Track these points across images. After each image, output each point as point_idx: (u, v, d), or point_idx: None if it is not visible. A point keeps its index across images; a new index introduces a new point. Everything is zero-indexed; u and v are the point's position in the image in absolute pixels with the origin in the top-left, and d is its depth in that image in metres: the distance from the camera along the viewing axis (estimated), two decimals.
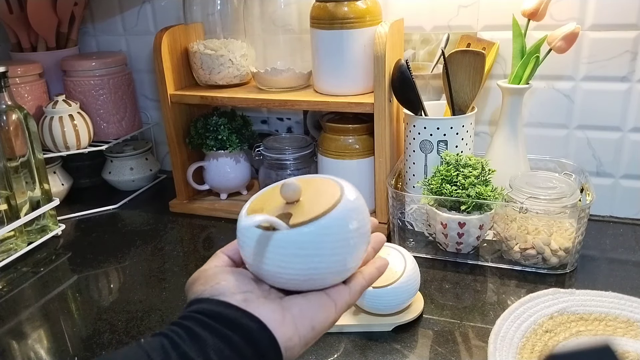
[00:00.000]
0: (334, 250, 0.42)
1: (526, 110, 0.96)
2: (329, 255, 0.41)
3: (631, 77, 0.89)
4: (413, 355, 0.65)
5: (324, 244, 0.41)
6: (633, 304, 0.68)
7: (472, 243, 0.83)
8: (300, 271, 0.42)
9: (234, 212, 1.03)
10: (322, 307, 0.43)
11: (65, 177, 1.14)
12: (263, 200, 0.46)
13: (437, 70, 0.93)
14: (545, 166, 0.95)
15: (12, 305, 0.79)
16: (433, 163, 0.87)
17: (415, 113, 0.87)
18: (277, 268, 0.42)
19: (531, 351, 0.62)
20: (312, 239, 0.41)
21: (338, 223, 0.42)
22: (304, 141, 1.05)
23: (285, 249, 0.41)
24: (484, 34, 0.94)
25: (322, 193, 0.44)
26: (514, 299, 0.73)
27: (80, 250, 0.95)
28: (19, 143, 0.91)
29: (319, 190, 0.45)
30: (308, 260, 0.41)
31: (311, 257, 0.41)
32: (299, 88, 0.97)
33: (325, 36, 0.88)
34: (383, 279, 0.68)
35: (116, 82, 1.13)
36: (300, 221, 0.41)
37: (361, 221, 0.43)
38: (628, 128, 0.91)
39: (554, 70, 0.92)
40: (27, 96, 1.07)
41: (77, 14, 1.16)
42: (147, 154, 1.21)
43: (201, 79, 1.02)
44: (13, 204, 0.91)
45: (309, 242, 0.41)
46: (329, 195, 0.43)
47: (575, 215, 0.78)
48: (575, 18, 0.87)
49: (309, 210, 0.42)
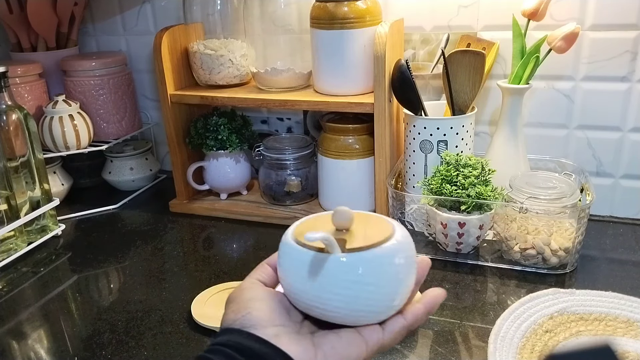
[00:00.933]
0: (389, 281, 0.41)
1: (526, 110, 0.95)
2: (383, 286, 0.40)
3: (631, 77, 0.89)
4: (413, 355, 0.65)
5: (382, 274, 0.40)
6: (633, 304, 0.68)
7: (472, 243, 0.83)
8: (350, 299, 0.40)
9: (234, 212, 1.03)
10: (354, 347, 0.41)
11: (65, 177, 1.14)
12: (310, 226, 0.44)
13: (437, 70, 0.93)
14: (545, 166, 0.95)
15: (12, 305, 0.79)
16: (433, 163, 0.87)
17: (415, 113, 0.87)
18: (326, 294, 0.40)
19: (531, 351, 0.62)
20: (371, 266, 0.40)
21: (394, 254, 0.41)
22: (304, 141, 1.05)
23: (341, 274, 0.39)
24: (484, 34, 0.94)
25: (373, 226, 0.43)
26: (514, 299, 0.73)
27: (80, 250, 0.95)
28: (19, 143, 0.91)
29: (369, 222, 0.44)
30: (362, 289, 0.40)
31: (366, 286, 0.40)
32: (299, 88, 0.97)
33: (325, 36, 0.88)
34: None
35: (116, 82, 1.13)
36: (358, 246, 0.40)
37: (411, 258, 0.43)
38: (628, 128, 0.91)
39: (554, 70, 0.92)
40: (27, 96, 1.07)
41: (77, 14, 1.16)
42: (147, 154, 1.21)
43: (201, 79, 1.02)
44: (13, 204, 0.91)
45: (369, 269, 0.39)
46: (381, 229, 0.42)
47: (575, 215, 0.78)
48: (575, 18, 0.87)
49: (362, 239, 0.41)
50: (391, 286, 0.41)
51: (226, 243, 0.95)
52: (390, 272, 0.41)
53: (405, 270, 0.42)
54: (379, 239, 0.41)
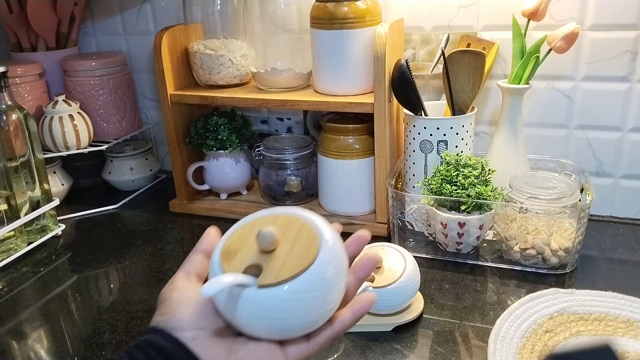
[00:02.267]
0: (312, 308, 0.40)
1: (526, 110, 0.95)
2: (294, 319, 0.40)
3: (631, 77, 0.89)
4: (413, 355, 0.65)
5: (291, 310, 0.39)
6: (633, 304, 0.68)
7: (472, 243, 0.83)
8: (263, 330, 0.41)
9: (234, 212, 1.03)
10: (270, 357, 0.41)
11: (65, 177, 1.14)
12: (239, 241, 0.44)
13: (437, 70, 0.93)
14: (545, 166, 0.95)
15: (12, 305, 0.79)
16: (433, 163, 0.87)
17: (415, 113, 0.87)
18: (241, 322, 0.41)
19: (531, 351, 0.62)
20: (277, 304, 0.39)
21: (314, 283, 0.40)
22: (304, 141, 1.05)
23: (250, 308, 0.39)
24: (484, 34, 0.94)
25: (299, 243, 0.42)
26: (514, 299, 0.73)
27: (80, 250, 0.95)
28: (19, 143, 0.91)
29: (297, 238, 0.42)
30: (271, 324, 0.40)
31: (274, 321, 0.40)
32: (299, 88, 0.97)
33: (325, 36, 0.88)
34: (383, 278, 0.68)
35: (116, 82, 1.13)
36: (268, 283, 0.39)
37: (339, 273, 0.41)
38: (628, 128, 0.91)
39: (554, 70, 0.92)
40: (27, 96, 1.07)
41: (77, 14, 1.16)
42: (147, 154, 1.21)
43: (201, 79, 1.02)
44: (13, 204, 0.91)
45: (274, 307, 0.39)
46: (306, 247, 0.41)
47: (575, 215, 0.78)
48: (575, 18, 0.87)
49: (281, 267, 0.40)
50: (315, 311, 0.40)
51: None
52: (312, 300, 0.40)
53: (330, 289, 0.41)
54: (294, 270, 0.39)
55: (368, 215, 0.96)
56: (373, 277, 0.69)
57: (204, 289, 0.38)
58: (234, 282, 0.39)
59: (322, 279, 0.40)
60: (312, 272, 0.40)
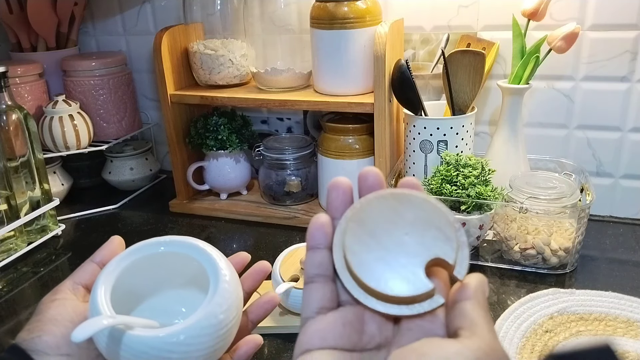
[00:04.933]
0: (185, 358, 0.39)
1: (526, 110, 0.95)
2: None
3: (631, 77, 0.89)
4: None
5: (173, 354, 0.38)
6: (633, 304, 0.68)
7: (472, 243, 0.83)
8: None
9: (234, 212, 1.03)
10: None
11: (65, 177, 1.14)
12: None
13: (437, 70, 0.93)
14: (545, 166, 0.95)
15: (12, 305, 0.79)
16: (433, 163, 0.87)
17: (415, 113, 0.87)
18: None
19: (531, 351, 0.62)
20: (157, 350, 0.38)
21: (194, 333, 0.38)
22: (304, 141, 1.05)
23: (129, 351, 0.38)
24: (484, 34, 0.94)
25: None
26: (514, 299, 0.73)
27: (80, 250, 0.95)
28: (19, 143, 0.91)
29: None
30: None
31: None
32: (299, 88, 0.97)
33: (325, 36, 0.88)
34: None
35: (116, 82, 1.13)
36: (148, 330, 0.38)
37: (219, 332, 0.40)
38: (628, 128, 0.91)
39: (554, 70, 0.92)
40: (27, 96, 1.07)
41: (77, 14, 1.16)
42: (147, 154, 1.21)
43: (201, 79, 1.02)
44: (13, 204, 0.91)
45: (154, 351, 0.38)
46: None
47: (575, 215, 0.78)
48: (575, 18, 0.87)
49: None
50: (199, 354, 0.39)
51: (226, 243, 0.95)
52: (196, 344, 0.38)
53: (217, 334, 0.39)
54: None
55: None
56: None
57: (76, 333, 0.35)
58: (111, 324, 0.37)
59: (210, 324, 0.39)
60: (200, 316, 0.38)
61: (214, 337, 0.39)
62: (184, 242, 0.43)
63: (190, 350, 0.38)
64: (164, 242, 0.43)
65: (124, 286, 0.42)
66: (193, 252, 0.43)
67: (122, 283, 0.41)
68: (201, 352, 0.39)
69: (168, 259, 0.43)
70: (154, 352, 0.38)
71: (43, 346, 0.39)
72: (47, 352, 0.38)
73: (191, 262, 0.42)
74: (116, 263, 0.42)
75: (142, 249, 0.43)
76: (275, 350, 0.67)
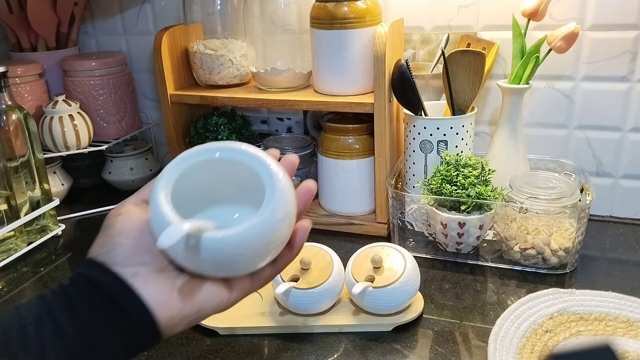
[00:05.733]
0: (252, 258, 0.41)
1: (526, 110, 0.96)
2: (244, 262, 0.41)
3: (631, 77, 0.89)
4: (413, 355, 0.65)
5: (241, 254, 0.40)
6: (633, 304, 0.68)
7: (472, 243, 0.83)
8: (211, 271, 0.41)
9: None
10: (215, 296, 0.41)
11: (65, 177, 1.14)
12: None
13: (437, 70, 0.93)
14: (545, 166, 0.95)
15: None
16: (433, 163, 0.87)
17: (415, 113, 0.87)
18: (189, 264, 0.40)
19: (531, 351, 0.62)
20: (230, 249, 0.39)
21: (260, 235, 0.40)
22: (304, 141, 1.05)
23: (201, 253, 0.39)
24: (484, 34, 0.94)
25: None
26: (514, 299, 0.73)
27: (80, 250, 0.95)
28: (19, 143, 0.91)
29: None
30: (221, 266, 0.40)
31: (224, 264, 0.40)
32: (299, 88, 0.97)
33: (325, 36, 0.88)
34: (383, 278, 0.68)
35: (116, 82, 1.13)
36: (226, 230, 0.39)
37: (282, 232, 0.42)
38: (628, 128, 0.91)
39: (554, 70, 0.92)
40: (27, 96, 1.07)
41: (77, 14, 1.16)
42: (147, 154, 1.21)
43: (201, 79, 1.02)
44: (13, 204, 0.91)
45: (226, 251, 0.39)
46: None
47: (575, 215, 0.78)
48: (575, 18, 0.87)
49: None
50: (264, 254, 0.41)
51: None
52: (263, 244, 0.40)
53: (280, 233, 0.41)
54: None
55: (368, 215, 0.96)
56: (373, 277, 0.69)
57: (162, 240, 0.36)
58: (192, 229, 0.37)
59: (274, 225, 0.40)
60: (265, 218, 0.40)
61: (281, 230, 0.41)
62: (240, 148, 0.44)
63: (262, 244, 0.40)
64: (218, 148, 0.44)
65: (180, 191, 0.42)
66: (248, 160, 0.43)
67: (178, 187, 0.42)
68: (274, 244, 0.41)
69: (222, 165, 0.44)
70: (232, 250, 0.39)
71: (118, 258, 0.39)
72: (123, 262, 0.39)
73: (244, 169, 0.43)
74: (173, 168, 0.42)
75: (198, 154, 0.43)
76: (275, 350, 0.67)
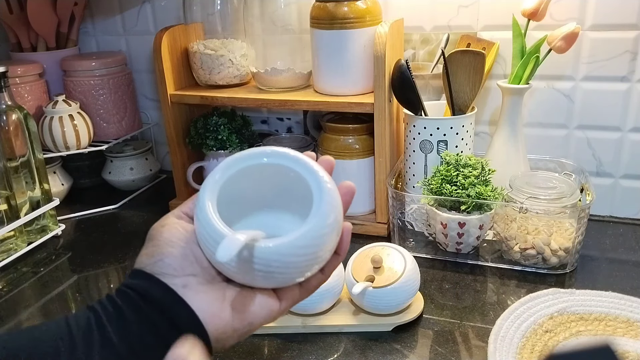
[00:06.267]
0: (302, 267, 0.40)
1: (526, 110, 0.96)
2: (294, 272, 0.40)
3: (631, 77, 0.89)
4: (413, 355, 0.65)
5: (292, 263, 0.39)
6: (633, 304, 0.68)
7: (472, 243, 0.83)
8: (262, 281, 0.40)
9: None
10: (266, 305, 0.41)
11: (65, 177, 1.14)
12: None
13: (437, 70, 0.93)
14: (545, 166, 0.95)
15: (12, 305, 0.79)
16: (433, 163, 0.87)
17: (415, 113, 0.87)
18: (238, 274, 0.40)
19: (531, 351, 0.62)
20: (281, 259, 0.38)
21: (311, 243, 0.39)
22: (304, 141, 1.05)
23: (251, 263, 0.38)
24: (484, 34, 0.94)
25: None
26: (514, 299, 0.73)
27: (80, 250, 0.95)
28: (19, 143, 0.91)
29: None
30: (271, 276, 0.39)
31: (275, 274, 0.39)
32: (299, 88, 0.97)
33: (325, 36, 0.88)
34: (383, 278, 0.68)
35: (116, 82, 1.13)
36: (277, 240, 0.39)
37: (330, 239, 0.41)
38: (628, 128, 0.91)
39: (554, 70, 0.92)
40: (27, 96, 1.07)
41: (77, 14, 1.16)
42: (147, 154, 1.21)
43: (201, 79, 1.02)
44: (13, 204, 0.91)
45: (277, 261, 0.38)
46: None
47: (575, 215, 0.78)
48: (575, 18, 0.87)
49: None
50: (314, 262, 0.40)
51: None
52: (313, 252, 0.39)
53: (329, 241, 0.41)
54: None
55: (368, 215, 0.96)
56: (373, 277, 0.69)
57: (221, 253, 0.35)
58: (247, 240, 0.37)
59: (324, 231, 0.40)
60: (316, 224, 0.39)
61: (332, 235, 0.41)
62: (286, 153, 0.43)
63: (314, 251, 0.39)
64: (265, 153, 0.43)
65: (226, 197, 0.41)
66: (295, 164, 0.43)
67: (224, 194, 0.41)
68: (325, 249, 0.40)
69: (265, 170, 0.43)
70: (285, 259, 0.38)
71: (167, 269, 0.39)
72: (172, 273, 0.39)
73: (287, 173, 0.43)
74: (219, 174, 0.42)
75: (243, 160, 0.43)
76: (275, 350, 0.67)
